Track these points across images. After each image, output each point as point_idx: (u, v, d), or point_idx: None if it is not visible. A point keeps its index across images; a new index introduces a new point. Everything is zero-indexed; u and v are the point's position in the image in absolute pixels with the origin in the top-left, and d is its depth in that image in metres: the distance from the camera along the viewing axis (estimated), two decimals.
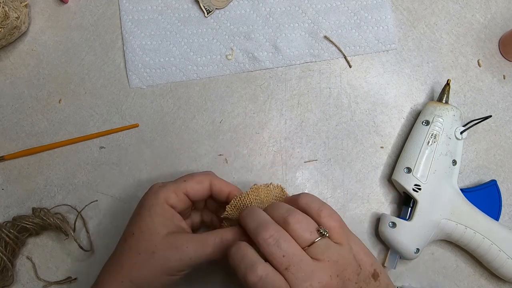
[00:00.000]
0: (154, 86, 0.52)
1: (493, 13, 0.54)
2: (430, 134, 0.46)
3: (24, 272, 0.47)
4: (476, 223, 0.45)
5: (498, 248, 0.44)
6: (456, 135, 0.46)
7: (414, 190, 0.45)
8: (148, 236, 0.36)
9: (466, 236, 0.45)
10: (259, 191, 0.38)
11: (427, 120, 0.47)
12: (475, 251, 0.46)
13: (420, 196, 0.45)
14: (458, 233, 0.45)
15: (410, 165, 0.46)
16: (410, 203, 0.46)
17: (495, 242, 0.44)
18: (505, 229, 0.45)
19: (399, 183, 0.46)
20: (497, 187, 0.48)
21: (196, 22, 0.53)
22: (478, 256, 0.46)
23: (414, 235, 0.44)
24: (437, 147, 0.46)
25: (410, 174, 0.46)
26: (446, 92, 0.49)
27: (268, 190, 0.39)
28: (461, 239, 0.45)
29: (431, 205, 0.45)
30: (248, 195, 0.38)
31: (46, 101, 0.51)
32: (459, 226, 0.45)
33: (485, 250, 0.45)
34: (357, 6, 0.53)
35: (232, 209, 0.38)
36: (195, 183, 0.39)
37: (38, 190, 0.49)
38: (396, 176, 0.47)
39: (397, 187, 0.48)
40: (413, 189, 0.45)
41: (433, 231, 0.45)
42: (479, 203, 0.46)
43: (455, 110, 0.47)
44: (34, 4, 0.53)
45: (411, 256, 0.45)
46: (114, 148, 0.50)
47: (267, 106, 0.52)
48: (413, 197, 0.45)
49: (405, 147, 0.48)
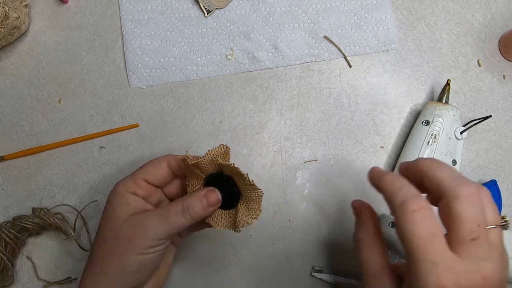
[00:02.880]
0: (154, 86, 0.52)
1: (493, 13, 0.54)
2: (430, 134, 0.46)
3: (24, 272, 0.47)
4: None
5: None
6: (456, 135, 0.46)
7: None
8: (111, 224, 0.36)
9: None
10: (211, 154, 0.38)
11: (427, 120, 0.47)
12: None
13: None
14: None
15: None
16: None
17: None
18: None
19: None
20: (497, 187, 0.48)
21: (196, 22, 0.53)
22: None
23: None
24: (437, 147, 0.46)
25: None
26: (446, 92, 0.49)
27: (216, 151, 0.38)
28: None
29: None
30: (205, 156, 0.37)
31: (46, 101, 0.51)
32: None
33: None
34: (357, 6, 0.53)
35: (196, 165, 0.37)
36: (151, 165, 0.39)
37: (38, 190, 0.49)
38: None
39: None
40: None
41: None
42: None
43: (455, 110, 0.47)
44: (34, 4, 0.53)
45: None
46: (114, 148, 0.50)
47: (267, 106, 0.52)
48: None
49: (405, 147, 0.48)
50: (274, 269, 0.48)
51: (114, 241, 0.35)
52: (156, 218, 0.35)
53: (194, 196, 0.36)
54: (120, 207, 0.36)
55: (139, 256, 0.35)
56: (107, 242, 0.36)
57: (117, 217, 0.36)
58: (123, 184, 0.38)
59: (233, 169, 0.36)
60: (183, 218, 0.35)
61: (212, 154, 0.37)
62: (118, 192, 0.37)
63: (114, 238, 0.35)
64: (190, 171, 0.38)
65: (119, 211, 0.36)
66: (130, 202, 0.37)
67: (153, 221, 0.35)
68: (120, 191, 0.37)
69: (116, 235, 0.35)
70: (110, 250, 0.35)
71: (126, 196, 0.37)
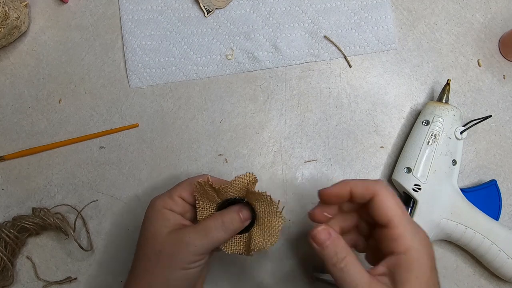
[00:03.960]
0: (154, 86, 0.52)
1: (493, 13, 0.54)
2: (430, 134, 0.46)
3: (24, 272, 0.47)
4: (476, 223, 0.45)
5: (498, 248, 0.44)
6: (456, 135, 0.46)
7: (414, 190, 0.45)
8: (152, 241, 0.37)
9: (466, 236, 0.45)
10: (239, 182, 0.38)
11: (427, 120, 0.47)
12: (475, 251, 0.46)
13: (420, 196, 0.45)
14: (458, 233, 0.45)
15: (410, 165, 0.46)
16: (410, 203, 0.46)
17: (495, 242, 0.44)
18: (505, 229, 0.45)
19: (399, 183, 0.46)
20: (497, 187, 0.48)
21: (196, 22, 0.53)
22: (478, 256, 0.46)
23: None
24: (437, 147, 0.46)
25: (410, 174, 0.46)
26: (446, 92, 0.49)
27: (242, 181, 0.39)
28: (461, 239, 0.45)
29: (431, 205, 0.45)
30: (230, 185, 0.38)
31: (46, 101, 0.51)
32: (459, 226, 0.45)
33: (485, 250, 0.45)
34: (357, 6, 0.53)
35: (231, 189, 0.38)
36: (187, 184, 0.39)
37: (38, 190, 0.49)
38: (396, 176, 0.47)
39: (397, 187, 0.48)
40: (413, 189, 0.45)
41: (433, 231, 0.45)
42: (479, 203, 0.46)
43: (455, 110, 0.47)
44: (34, 4, 0.53)
45: None
46: (114, 148, 0.50)
47: (267, 106, 0.52)
48: (413, 197, 0.45)
49: (405, 147, 0.48)
50: (274, 269, 0.48)
51: (157, 257, 0.36)
52: (197, 234, 0.37)
53: (232, 211, 0.38)
54: (159, 223, 0.37)
55: (182, 271, 0.36)
56: (151, 260, 0.37)
57: (157, 233, 0.37)
58: (161, 201, 0.39)
59: (262, 197, 0.37)
60: (222, 233, 0.37)
61: (243, 182, 0.37)
62: (156, 208, 0.38)
63: (157, 255, 0.36)
64: (205, 194, 0.39)
65: (158, 227, 0.37)
66: (169, 217, 0.38)
67: (195, 236, 0.36)
68: (158, 208, 0.38)
69: (159, 251, 0.36)
70: (153, 266, 0.36)
71: (164, 212, 0.38)
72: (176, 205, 0.39)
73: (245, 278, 0.48)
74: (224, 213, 0.38)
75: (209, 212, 0.39)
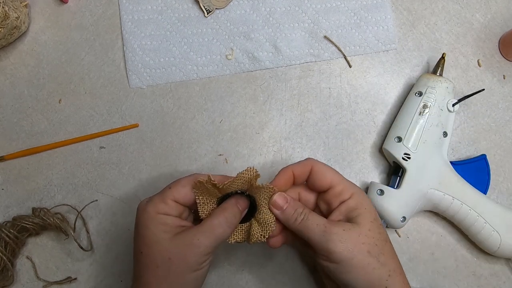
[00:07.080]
0: (154, 86, 0.52)
1: (493, 13, 0.54)
2: (423, 105, 0.47)
3: (24, 272, 0.47)
4: (463, 195, 0.45)
5: (484, 220, 0.45)
6: (448, 107, 0.47)
7: (404, 159, 0.45)
8: (157, 248, 0.37)
9: (453, 207, 0.45)
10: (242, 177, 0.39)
11: (420, 91, 0.48)
12: (461, 223, 0.46)
13: (409, 165, 0.45)
14: (445, 204, 0.45)
15: (401, 135, 0.46)
16: (399, 173, 0.46)
17: (481, 214, 0.45)
18: (492, 202, 0.46)
19: (389, 151, 0.47)
20: (486, 161, 0.48)
21: (196, 22, 0.53)
22: (464, 228, 0.46)
23: (401, 204, 0.45)
24: (429, 118, 0.46)
25: (400, 143, 0.46)
26: (440, 65, 0.49)
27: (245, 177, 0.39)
28: (448, 210, 0.46)
29: (419, 174, 0.45)
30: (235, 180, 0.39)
31: (46, 101, 0.51)
32: (446, 196, 0.45)
33: (471, 222, 0.45)
34: (357, 6, 0.53)
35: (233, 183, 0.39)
36: (180, 187, 0.38)
37: (38, 190, 0.49)
38: (387, 145, 0.47)
39: (387, 156, 0.49)
40: (403, 158, 0.46)
41: (420, 201, 0.45)
42: (468, 176, 0.47)
43: (448, 82, 0.48)
44: (34, 4, 0.53)
45: (397, 224, 0.45)
46: (114, 148, 0.50)
47: (267, 106, 0.52)
48: (402, 166, 0.46)
49: (397, 117, 0.49)
50: (274, 269, 0.48)
51: (167, 264, 0.36)
52: (204, 234, 0.37)
53: (231, 205, 0.38)
54: (158, 228, 0.37)
55: (194, 273, 0.37)
56: (160, 267, 0.36)
57: (159, 239, 0.37)
58: (153, 206, 0.38)
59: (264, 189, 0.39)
60: (227, 228, 0.37)
61: (247, 178, 0.38)
62: (150, 215, 0.37)
63: (167, 262, 0.36)
64: (205, 191, 0.38)
65: (158, 233, 0.37)
66: (167, 221, 0.37)
67: (202, 237, 0.36)
68: (152, 214, 0.37)
69: (169, 259, 0.36)
70: (165, 273, 0.36)
71: (159, 217, 0.37)
72: (171, 209, 0.38)
73: (245, 278, 0.48)
74: (226, 209, 0.38)
75: (211, 206, 0.39)
